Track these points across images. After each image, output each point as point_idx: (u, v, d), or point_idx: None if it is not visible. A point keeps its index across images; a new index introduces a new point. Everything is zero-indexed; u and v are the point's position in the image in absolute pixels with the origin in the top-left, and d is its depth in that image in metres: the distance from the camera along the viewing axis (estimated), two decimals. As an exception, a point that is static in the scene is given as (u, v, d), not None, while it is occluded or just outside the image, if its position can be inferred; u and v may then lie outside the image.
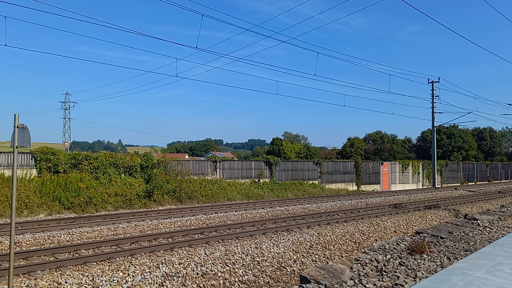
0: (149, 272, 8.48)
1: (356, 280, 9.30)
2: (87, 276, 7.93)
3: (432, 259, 11.14)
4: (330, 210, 18.23)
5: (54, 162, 19.74)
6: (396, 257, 11.48)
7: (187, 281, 8.62)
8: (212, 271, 9.19)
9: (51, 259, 9.07)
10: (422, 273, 9.74)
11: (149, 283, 8.15)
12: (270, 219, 15.15)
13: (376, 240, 13.89)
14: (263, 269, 9.99)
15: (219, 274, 9.20)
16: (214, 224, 14.06)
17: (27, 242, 10.49)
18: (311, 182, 31.78)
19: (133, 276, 8.22)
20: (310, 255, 11.41)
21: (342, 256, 12.04)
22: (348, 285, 8.92)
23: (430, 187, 39.63)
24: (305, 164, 32.39)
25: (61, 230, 12.03)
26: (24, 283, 7.38)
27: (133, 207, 19.31)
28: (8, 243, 9.75)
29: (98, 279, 7.88)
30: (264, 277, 9.78)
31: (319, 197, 25.86)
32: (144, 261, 9.02)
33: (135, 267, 8.59)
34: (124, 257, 9.33)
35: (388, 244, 13.39)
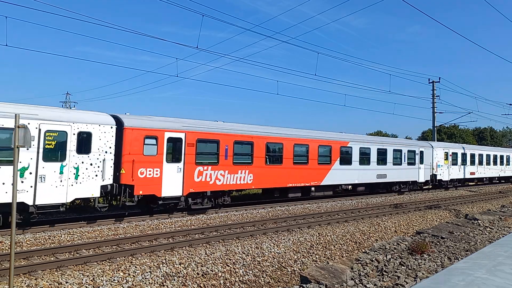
0: (150, 272, 8.48)
1: (356, 280, 9.31)
2: (87, 276, 7.93)
3: (432, 259, 11.14)
4: (330, 210, 18.22)
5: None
6: (396, 257, 11.48)
7: (187, 281, 8.62)
8: (212, 271, 9.19)
9: (52, 259, 9.08)
10: (423, 273, 9.74)
11: (149, 283, 8.16)
12: (271, 219, 15.15)
13: (377, 240, 13.89)
14: (263, 269, 9.99)
15: (220, 274, 9.20)
16: (215, 224, 14.06)
17: (27, 242, 10.49)
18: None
19: (133, 276, 8.23)
20: (311, 255, 11.40)
21: (342, 256, 12.04)
22: (348, 285, 8.92)
23: (430, 186, 39.58)
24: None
25: (61, 230, 12.03)
26: (25, 283, 7.39)
27: (133, 207, 19.29)
28: (9, 243, 9.76)
29: (99, 279, 7.88)
30: (265, 277, 9.78)
31: (319, 197, 25.79)
32: (144, 261, 9.02)
33: (135, 267, 8.60)
34: (124, 257, 9.33)
35: (389, 244, 13.39)
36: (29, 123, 10.89)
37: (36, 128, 11.25)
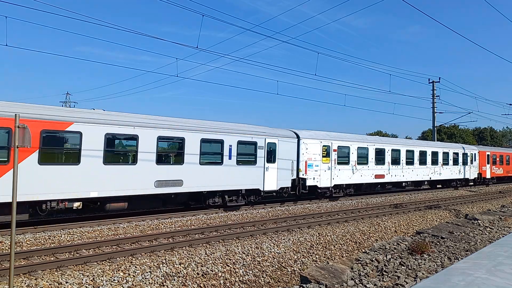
0: (150, 272, 8.48)
1: (356, 280, 9.31)
2: (87, 276, 7.93)
3: (432, 259, 11.15)
4: (330, 210, 18.22)
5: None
6: (396, 257, 11.48)
7: (187, 281, 8.62)
8: (212, 271, 9.19)
9: (52, 259, 9.08)
10: (423, 273, 9.74)
11: (149, 283, 8.16)
12: (271, 219, 15.16)
13: (377, 240, 13.89)
14: (263, 269, 9.99)
15: (220, 274, 9.20)
16: (215, 224, 14.06)
17: (27, 242, 10.49)
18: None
19: (133, 276, 8.23)
20: (311, 255, 11.41)
21: (342, 256, 12.04)
22: (348, 285, 8.92)
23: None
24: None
25: (61, 230, 12.03)
26: (25, 283, 7.39)
27: (133, 207, 19.24)
28: (9, 243, 9.76)
29: (99, 279, 7.88)
30: (265, 277, 9.78)
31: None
32: (144, 261, 9.02)
33: (135, 267, 8.60)
34: (124, 257, 9.33)
35: (389, 244, 13.39)
36: None
37: None
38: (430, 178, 28.95)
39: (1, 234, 11.21)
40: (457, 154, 31.79)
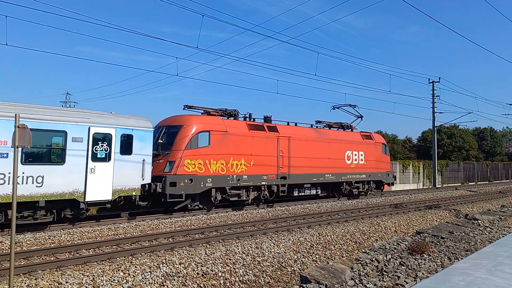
0: (150, 272, 8.48)
1: (356, 280, 9.31)
2: (87, 276, 7.93)
3: (432, 259, 11.15)
4: (330, 210, 18.23)
5: (54, 162, 19.26)
6: (396, 257, 11.48)
7: (187, 281, 8.62)
8: (212, 271, 9.20)
9: (52, 259, 9.08)
10: (423, 273, 9.74)
11: (149, 283, 8.16)
12: (271, 219, 15.16)
13: (377, 240, 13.89)
14: (263, 269, 9.99)
15: (220, 274, 9.20)
16: (215, 224, 14.07)
17: (27, 242, 10.50)
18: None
19: (133, 276, 8.23)
20: (311, 255, 11.41)
21: (342, 256, 12.04)
22: (348, 285, 8.92)
23: (430, 187, 39.50)
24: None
25: (61, 230, 12.04)
26: (25, 283, 7.39)
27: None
28: (9, 243, 9.76)
29: (99, 279, 7.88)
30: (265, 277, 9.78)
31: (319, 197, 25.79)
32: (144, 261, 9.02)
33: (135, 267, 8.60)
34: (124, 257, 9.33)
35: (389, 244, 13.39)
36: None
37: None
38: None
39: (1, 234, 11.21)
40: None
